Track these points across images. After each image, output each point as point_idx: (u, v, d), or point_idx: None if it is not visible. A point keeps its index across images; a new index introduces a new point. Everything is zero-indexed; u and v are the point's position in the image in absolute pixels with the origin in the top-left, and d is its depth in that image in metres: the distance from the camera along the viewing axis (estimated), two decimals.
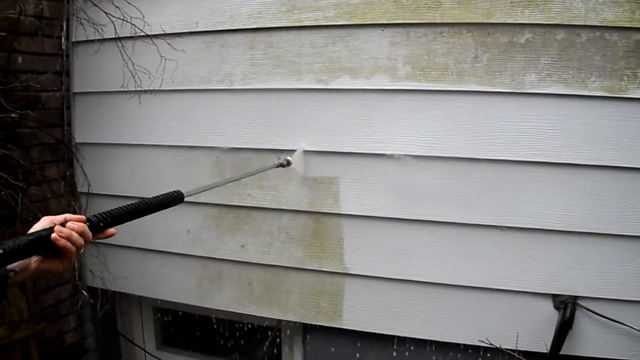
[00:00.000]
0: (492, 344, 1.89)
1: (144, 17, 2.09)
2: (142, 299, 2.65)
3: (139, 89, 2.16)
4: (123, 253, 2.44)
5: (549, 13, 1.71)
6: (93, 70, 2.35)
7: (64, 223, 0.94)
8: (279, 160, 1.94)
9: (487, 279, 1.92)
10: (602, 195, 1.77)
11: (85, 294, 2.48)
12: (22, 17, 2.06)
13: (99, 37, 2.21)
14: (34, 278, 0.98)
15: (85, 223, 0.97)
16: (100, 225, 1.00)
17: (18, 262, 0.89)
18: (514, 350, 1.86)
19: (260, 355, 2.53)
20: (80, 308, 2.50)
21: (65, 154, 2.40)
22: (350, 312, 2.13)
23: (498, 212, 1.87)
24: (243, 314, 2.37)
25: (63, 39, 2.31)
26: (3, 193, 2.04)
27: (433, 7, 1.82)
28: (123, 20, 2.11)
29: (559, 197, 1.81)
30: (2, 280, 0.88)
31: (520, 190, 1.85)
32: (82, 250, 0.98)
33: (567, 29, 1.71)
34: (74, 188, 2.46)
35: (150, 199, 1.16)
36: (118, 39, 2.16)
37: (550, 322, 1.85)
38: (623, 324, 1.80)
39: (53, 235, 0.91)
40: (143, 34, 2.10)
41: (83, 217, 0.98)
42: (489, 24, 1.78)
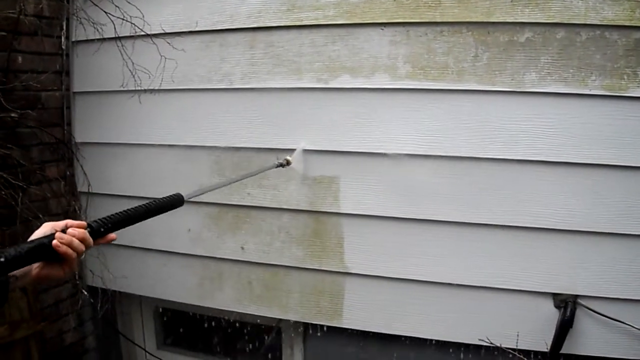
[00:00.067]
0: (492, 343, 1.89)
1: (144, 16, 2.09)
2: (142, 299, 2.65)
3: (139, 89, 2.15)
4: (123, 252, 2.43)
5: (549, 12, 1.71)
6: (93, 70, 2.35)
7: (65, 229, 0.95)
8: (279, 160, 1.94)
9: (487, 278, 1.92)
10: (602, 194, 1.77)
11: (86, 294, 2.48)
12: (22, 16, 2.06)
13: (99, 36, 2.21)
14: (35, 284, 0.98)
15: (86, 229, 0.97)
16: (101, 231, 1.01)
17: None
18: (515, 349, 1.86)
19: (261, 355, 2.53)
20: (81, 307, 2.50)
21: (65, 154, 2.40)
22: (351, 311, 2.13)
23: (498, 211, 1.87)
24: (243, 314, 2.37)
25: (63, 39, 2.31)
26: (3, 192, 2.04)
27: (433, 6, 1.82)
28: (123, 20, 2.10)
29: (559, 196, 1.81)
30: (3, 286, 0.88)
31: (521, 190, 1.85)
32: (83, 256, 0.98)
33: (567, 28, 1.71)
34: (74, 187, 2.46)
35: (151, 203, 1.16)
36: (118, 39, 2.15)
37: (551, 321, 1.85)
38: (623, 323, 1.80)
39: (54, 242, 0.91)
40: (143, 34, 2.10)
41: (84, 223, 0.98)
42: (489, 23, 1.78)
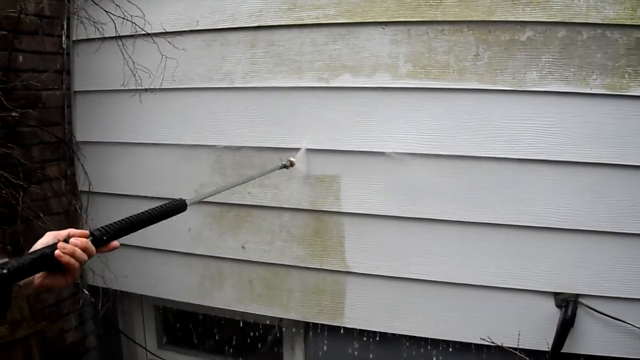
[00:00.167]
0: (493, 342, 1.89)
1: (145, 15, 2.09)
2: (143, 298, 2.65)
3: (140, 88, 2.15)
4: (124, 252, 2.41)
5: (550, 11, 1.71)
6: (94, 69, 2.35)
7: (68, 239, 0.95)
8: (282, 162, 1.93)
9: (488, 277, 1.92)
10: (603, 193, 1.77)
11: (86, 293, 2.48)
12: (22, 15, 2.06)
13: (100, 35, 2.21)
14: (38, 292, 0.98)
15: (89, 237, 0.98)
16: (104, 239, 1.01)
17: None
18: (516, 349, 1.86)
19: (262, 354, 2.53)
20: (81, 307, 2.50)
21: (66, 153, 2.40)
22: (352, 310, 2.13)
23: (499, 210, 1.87)
24: (244, 313, 2.37)
25: (64, 38, 2.31)
26: (4, 192, 2.04)
27: (434, 5, 1.82)
28: (123, 19, 2.10)
29: (560, 195, 1.81)
30: (5, 295, 0.88)
31: (522, 189, 1.85)
32: (85, 265, 0.98)
33: (568, 27, 1.71)
34: (75, 187, 2.46)
35: (153, 209, 1.16)
36: (118, 38, 2.15)
37: (552, 320, 1.85)
38: (625, 322, 1.80)
39: (56, 252, 0.92)
40: (143, 33, 2.10)
41: (86, 231, 0.98)
42: (490, 22, 1.78)
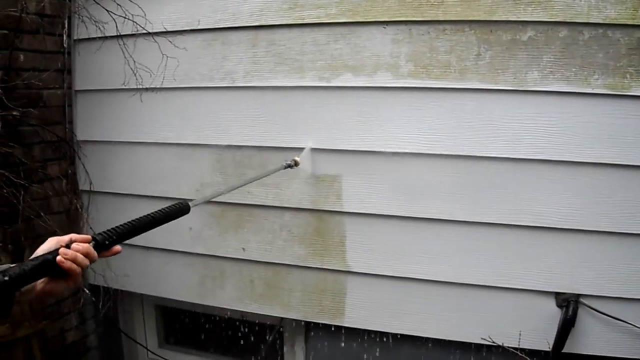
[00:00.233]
0: (494, 342, 1.89)
1: (146, 14, 2.09)
2: (144, 297, 2.65)
3: (141, 87, 2.15)
4: (125, 251, 2.38)
5: (552, 10, 1.71)
6: (94, 68, 2.35)
7: (69, 244, 0.94)
8: (287, 162, 1.92)
9: (489, 277, 1.92)
10: (604, 193, 1.77)
11: (87, 292, 2.48)
12: (23, 14, 2.06)
13: (101, 34, 2.21)
14: (40, 298, 0.98)
15: (91, 242, 0.97)
16: (106, 244, 1.01)
17: None
18: (517, 349, 1.86)
19: (262, 353, 2.53)
20: (82, 306, 2.50)
21: (67, 152, 2.40)
22: (353, 310, 2.13)
23: (500, 210, 1.87)
24: (245, 312, 2.37)
25: (65, 37, 2.31)
26: (5, 191, 2.04)
27: (435, 4, 1.82)
28: (125, 18, 2.10)
29: (561, 195, 1.81)
30: (7, 302, 0.88)
31: (523, 188, 1.84)
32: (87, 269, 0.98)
33: (569, 27, 1.71)
34: (76, 186, 2.46)
35: (156, 213, 1.15)
36: (119, 37, 2.15)
37: (553, 320, 1.85)
38: (625, 322, 1.80)
39: (58, 258, 0.91)
40: (144, 32, 2.10)
41: (88, 237, 0.98)
42: (492, 22, 1.78)
